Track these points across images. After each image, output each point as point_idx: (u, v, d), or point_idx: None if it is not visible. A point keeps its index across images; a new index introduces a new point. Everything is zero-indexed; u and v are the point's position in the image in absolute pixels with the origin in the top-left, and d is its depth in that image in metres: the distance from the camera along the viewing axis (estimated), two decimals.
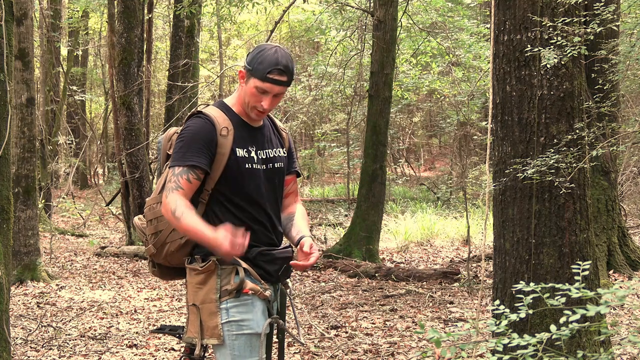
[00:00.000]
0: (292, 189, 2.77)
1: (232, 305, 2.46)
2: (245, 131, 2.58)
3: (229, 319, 2.45)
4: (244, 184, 2.53)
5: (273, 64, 2.46)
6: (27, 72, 7.74)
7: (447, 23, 13.18)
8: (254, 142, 2.59)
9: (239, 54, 22.16)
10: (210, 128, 2.49)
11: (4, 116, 3.92)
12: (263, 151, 2.60)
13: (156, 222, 2.60)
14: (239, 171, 2.52)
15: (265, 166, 2.60)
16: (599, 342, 3.55)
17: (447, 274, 7.86)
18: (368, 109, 9.58)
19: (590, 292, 2.18)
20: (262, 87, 2.49)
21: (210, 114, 2.53)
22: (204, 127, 2.49)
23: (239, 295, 2.46)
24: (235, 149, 2.51)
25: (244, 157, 2.53)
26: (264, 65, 2.46)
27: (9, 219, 3.97)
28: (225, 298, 2.46)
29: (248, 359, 2.45)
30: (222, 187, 2.52)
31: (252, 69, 2.49)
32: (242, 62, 13.56)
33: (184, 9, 10.12)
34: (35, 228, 7.82)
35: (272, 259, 2.57)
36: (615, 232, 7.25)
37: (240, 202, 2.54)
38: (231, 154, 2.50)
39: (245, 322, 2.46)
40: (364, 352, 4.98)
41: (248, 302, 2.48)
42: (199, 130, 2.48)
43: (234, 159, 2.51)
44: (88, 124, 21.42)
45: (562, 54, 3.59)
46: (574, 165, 3.66)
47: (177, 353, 5.06)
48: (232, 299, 2.46)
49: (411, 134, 22.73)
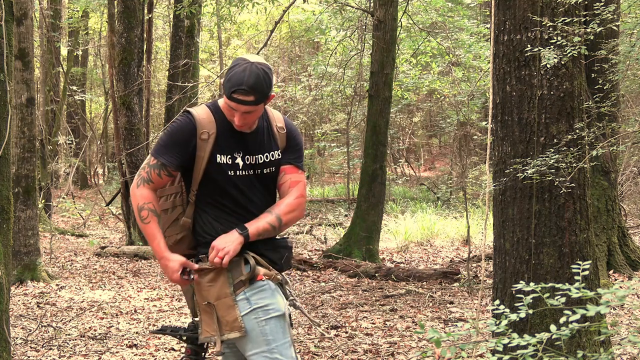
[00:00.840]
0: (285, 180, 2.66)
1: (252, 293, 2.48)
2: (231, 136, 2.56)
3: (253, 307, 2.47)
4: (227, 189, 2.55)
5: (237, 84, 2.44)
6: (27, 72, 7.74)
7: (447, 23, 13.18)
8: (242, 147, 2.57)
9: (238, 54, 22.14)
10: (191, 130, 2.52)
11: (4, 116, 3.92)
12: (252, 156, 2.58)
13: None
14: (221, 177, 2.54)
15: (254, 171, 2.59)
16: (599, 342, 3.55)
17: (447, 274, 7.86)
18: (368, 109, 9.58)
19: (590, 292, 2.18)
20: (230, 105, 2.49)
21: (196, 114, 2.54)
22: (184, 127, 2.53)
23: (253, 282, 2.49)
24: (215, 155, 2.52)
25: (226, 163, 2.54)
26: (230, 84, 2.46)
27: (9, 219, 3.97)
28: (241, 289, 2.48)
29: (282, 341, 2.46)
30: (206, 189, 2.56)
31: (223, 85, 2.52)
32: None
33: (184, 9, 10.12)
34: (35, 228, 7.82)
35: (274, 247, 2.61)
36: (615, 232, 7.25)
37: (228, 204, 2.56)
38: (211, 159, 2.52)
39: (270, 306, 2.47)
40: (364, 352, 4.98)
41: (265, 287, 2.51)
42: (178, 130, 2.54)
43: (215, 165, 2.53)
44: (88, 124, 21.42)
45: (562, 54, 3.59)
46: (574, 165, 3.66)
47: (177, 353, 5.06)
48: (249, 288, 2.49)
49: (411, 134, 22.73)
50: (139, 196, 2.54)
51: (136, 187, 2.56)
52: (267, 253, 2.57)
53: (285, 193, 2.66)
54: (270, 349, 2.43)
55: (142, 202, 2.53)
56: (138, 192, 2.56)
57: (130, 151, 10.21)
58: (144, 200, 2.53)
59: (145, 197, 2.54)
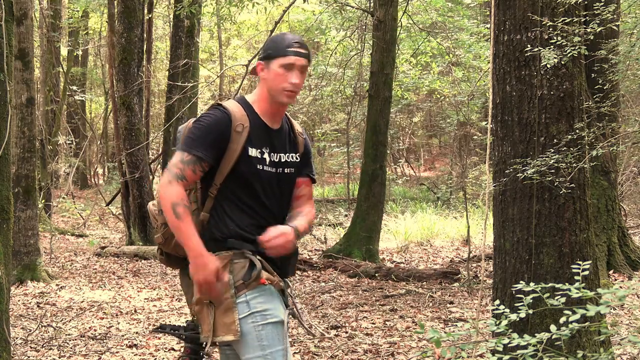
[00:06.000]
0: (304, 192, 2.70)
1: (253, 297, 2.44)
2: (262, 131, 2.56)
3: (252, 311, 2.43)
4: (253, 184, 2.52)
5: (291, 40, 2.52)
6: (27, 72, 7.74)
7: (447, 23, 13.19)
8: (269, 144, 2.57)
9: (239, 54, 22.16)
10: (227, 122, 2.49)
11: (4, 116, 3.92)
12: (276, 154, 2.58)
13: None
14: (249, 171, 2.51)
15: (276, 170, 2.58)
16: (599, 342, 3.55)
17: (447, 274, 7.86)
18: (368, 109, 9.58)
19: (590, 292, 2.19)
20: (287, 62, 2.50)
21: (229, 107, 2.52)
22: (220, 119, 2.49)
23: (255, 286, 2.45)
24: (247, 148, 2.51)
25: (256, 157, 2.52)
26: (284, 44, 2.51)
27: (9, 219, 3.97)
28: (242, 292, 2.44)
29: (277, 347, 2.43)
30: (231, 183, 2.52)
31: (271, 52, 2.52)
32: (242, 62, 13.37)
33: (184, 9, 10.12)
34: (35, 228, 7.83)
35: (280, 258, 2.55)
36: (615, 232, 7.24)
37: (248, 200, 2.53)
38: (243, 152, 2.50)
39: (268, 312, 2.44)
40: (364, 352, 4.98)
41: (267, 292, 2.47)
42: (214, 122, 2.49)
43: (246, 158, 2.50)
44: (88, 124, 21.43)
45: (562, 54, 3.59)
46: (574, 165, 3.66)
47: (177, 353, 5.06)
48: (250, 291, 2.45)
49: (411, 134, 22.73)
50: (173, 193, 2.42)
51: (168, 183, 2.44)
52: (274, 257, 2.53)
53: (302, 204, 2.69)
54: (264, 354, 2.41)
55: (177, 199, 2.41)
56: (171, 189, 2.43)
57: (130, 151, 10.21)
58: (179, 197, 2.42)
59: (180, 194, 2.43)
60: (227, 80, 23.74)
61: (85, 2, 15.94)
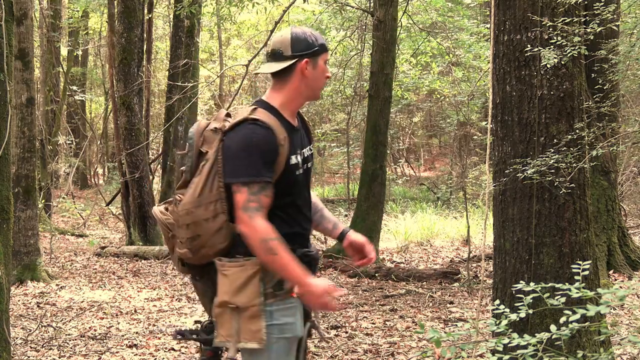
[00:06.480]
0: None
1: (277, 309, 2.38)
2: (294, 135, 2.47)
3: (272, 322, 2.36)
4: (292, 191, 2.45)
5: (319, 35, 2.50)
6: (27, 72, 7.74)
7: (447, 23, 13.19)
8: (299, 145, 2.51)
9: (239, 54, 22.15)
10: (272, 138, 2.36)
11: (4, 116, 3.92)
12: (302, 152, 2.51)
13: (194, 226, 2.42)
14: (291, 179, 2.43)
15: (305, 166, 2.52)
16: (599, 342, 3.55)
17: (447, 274, 7.85)
18: (368, 109, 9.57)
19: (590, 292, 2.19)
20: (327, 57, 2.51)
21: (267, 121, 2.39)
22: (267, 137, 2.35)
23: (284, 298, 2.39)
24: (290, 157, 2.42)
25: (295, 164, 2.45)
26: (320, 39, 2.48)
27: (9, 219, 3.97)
28: (270, 300, 2.37)
29: None
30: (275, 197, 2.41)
31: (317, 48, 2.45)
32: (242, 62, 13.31)
33: (184, 9, 10.12)
34: (35, 228, 7.83)
35: (311, 260, 2.50)
36: (615, 232, 7.24)
37: (287, 208, 2.45)
38: (286, 163, 2.41)
39: (287, 326, 2.39)
40: (364, 352, 4.98)
41: (292, 306, 2.41)
42: (264, 142, 2.34)
43: (289, 168, 2.42)
44: (88, 124, 21.42)
45: (562, 54, 3.59)
46: (574, 165, 3.66)
47: (177, 353, 5.06)
48: (278, 302, 2.38)
49: (411, 134, 22.73)
50: (260, 229, 2.31)
51: (249, 220, 2.31)
52: (306, 266, 2.44)
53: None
54: None
55: (265, 234, 2.30)
56: (255, 225, 2.31)
57: (130, 151, 10.21)
58: (265, 232, 2.31)
59: (265, 228, 2.31)
60: (227, 80, 23.74)
61: (85, 2, 15.94)
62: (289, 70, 2.44)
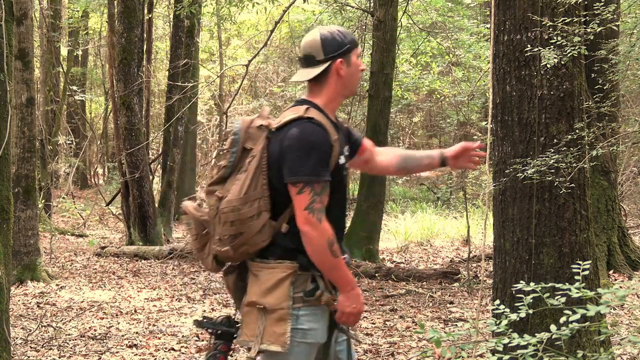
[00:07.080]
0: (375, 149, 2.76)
1: (304, 314, 2.36)
2: (340, 135, 2.46)
3: (297, 326, 2.34)
4: (336, 191, 2.42)
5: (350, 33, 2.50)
6: (27, 72, 7.74)
7: (447, 23, 13.19)
8: (343, 144, 2.48)
9: (239, 54, 22.14)
10: (328, 137, 2.35)
11: (4, 116, 3.92)
12: (344, 152, 2.49)
13: (239, 224, 2.37)
14: (338, 179, 2.41)
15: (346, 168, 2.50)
16: (599, 342, 3.55)
17: (447, 274, 7.86)
18: (368, 109, 9.57)
19: (590, 292, 2.19)
20: (359, 50, 2.51)
21: (321, 120, 2.37)
22: (324, 136, 2.34)
23: (313, 304, 2.37)
24: (340, 157, 2.41)
25: (342, 164, 2.43)
26: (349, 34, 2.47)
27: (9, 219, 3.97)
28: (298, 305, 2.35)
29: None
30: None
31: (348, 45, 2.43)
32: (242, 62, 13.34)
33: (184, 9, 10.12)
34: (35, 228, 7.83)
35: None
36: (615, 232, 7.24)
37: (333, 210, 2.41)
38: (337, 163, 2.40)
39: (311, 332, 2.37)
40: (364, 352, 4.98)
41: (319, 312, 2.40)
42: (321, 142, 2.33)
43: (338, 167, 2.41)
44: (88, 124, 21.42)
45: (562, 54, 3.59)
46: (574, 165, 3.66)
47: (177, 353, 5.06)
48: (305, 307, 2.36)
49: (411, 134, 22.73)
50: (328, 231, 2.31)
51: (319, 222, 2.29)
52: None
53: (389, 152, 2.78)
54: None
55: (332, 236, 2.32)
56: (323, 226, 2.30)
57: (130, 151, 10.21)
58: (332, 234, 2.32)
59: (330, 230, 2.32)
60: (227, 80, 23.73)
61: (85, 2, 15.94)
62: (325, 73, 2.42)
